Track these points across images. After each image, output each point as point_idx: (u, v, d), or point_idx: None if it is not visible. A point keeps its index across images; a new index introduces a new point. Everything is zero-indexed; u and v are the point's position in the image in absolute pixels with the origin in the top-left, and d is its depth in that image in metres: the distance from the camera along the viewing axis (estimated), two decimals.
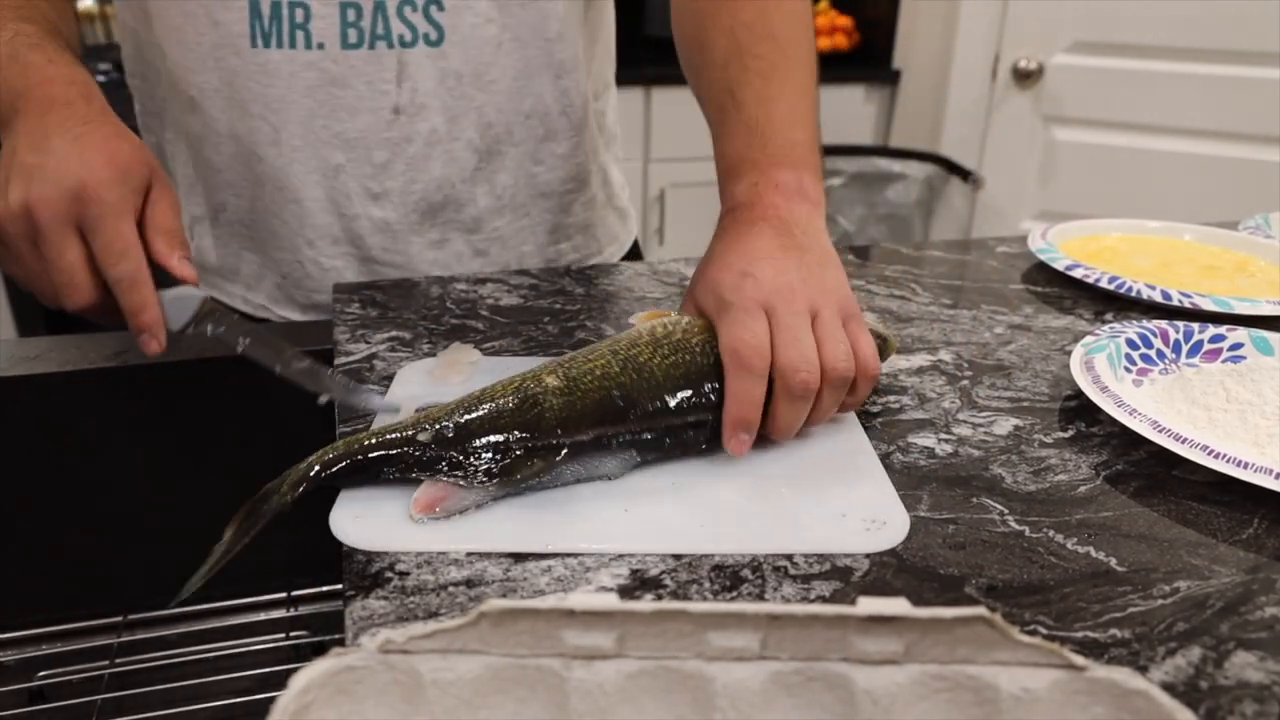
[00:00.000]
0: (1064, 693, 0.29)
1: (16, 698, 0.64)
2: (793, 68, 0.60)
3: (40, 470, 0.65)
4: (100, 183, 0.49)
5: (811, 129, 0.58)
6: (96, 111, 0.53)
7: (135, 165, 0.51)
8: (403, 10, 0.67)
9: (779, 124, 0.57)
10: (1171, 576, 0.40)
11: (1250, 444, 0.49)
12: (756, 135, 0.56)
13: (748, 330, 0.46)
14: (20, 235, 0.50)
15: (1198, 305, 0.67)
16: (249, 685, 0.64)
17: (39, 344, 0.65)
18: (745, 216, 0.53)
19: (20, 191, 0.49)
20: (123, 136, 0.52)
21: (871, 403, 0.54)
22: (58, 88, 0.53)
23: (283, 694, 0.27)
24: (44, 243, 0.49)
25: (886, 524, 0.43)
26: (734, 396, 0.45)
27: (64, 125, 0.51)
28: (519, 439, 0.44)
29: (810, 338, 0.46)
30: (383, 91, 0.70)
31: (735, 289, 0.48)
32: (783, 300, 0.47)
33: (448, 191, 0.75)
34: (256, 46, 0.67)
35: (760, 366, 0.45)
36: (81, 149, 0.50)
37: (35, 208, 0.49)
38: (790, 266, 0.49)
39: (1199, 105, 1.88)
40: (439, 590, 0.38)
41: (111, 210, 0.49)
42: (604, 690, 0.29)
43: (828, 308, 0.48)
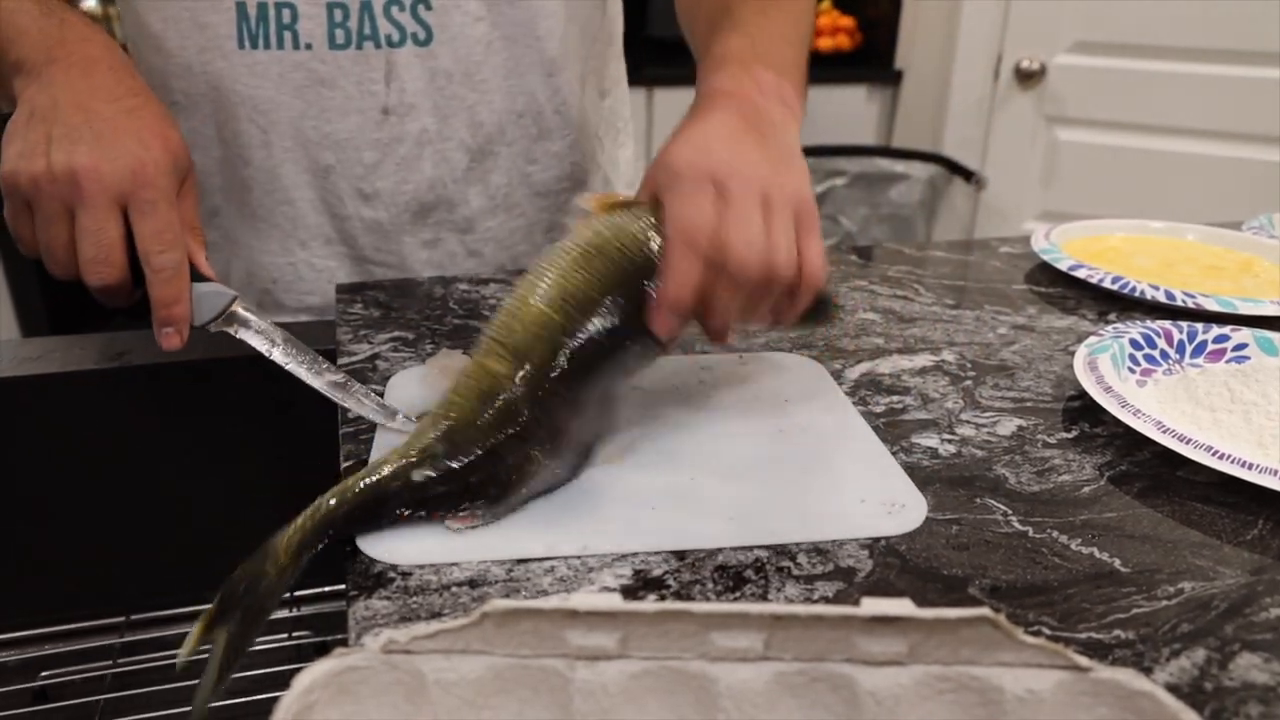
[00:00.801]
0: (1068, 694, 0.28)
1: (19, 697, 0.64)
2: (792, 8, 0.60)
3: (42, 470, 0.65)
4: (158, 166, 0.48)
5: (802, 52, 0.58)
6: (142, 87, 0.51)
7: (183, 154, 0.50)
8: (390, 10, 0.67)
9: (771, 36, 0.56)
10: (1176, 578, 0.40)
11: (1254, 445, 0.49)
12: (747, 39, 0.55)
13: (695, 207, 0.43)
14: (56, 198, 0.47)
15: (1201, 306, 0.67)
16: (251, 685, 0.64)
17: (42, 344, 0.65)
18: (719, 102, 0.50)
19: (65, 154, 0.46)
20: (170, 121, 0.51)
21: (875, 403, 0.54)
22: (98, 49, 0.51)
23: (286, 694, 0.27)
24: (85, 214, 0.47)
25: (906, 506, 0.44)
26: (672, 275, 0.43)
27: (113, 93, 0.49)
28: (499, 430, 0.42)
29: (759, 222, 0.43)
30: (371, 92, 0.69)
31: (689, 163, 0.45)
32: (736, 179, 0.44)
33: (440, 191, 0.75)
34: (244, 48, 0.67)
35: (706, 246, 0.43)
36: (138, 126, 0.48)
37: (83, 177, 0.46)
38: (750, 147, 0.46)
39: (1202, 105, 1.88)
40: (442, 590, 0.38)
41: (165, 196, 0.48)
42: (607, 691, 0.29)
43: (781, 199, 0.45)
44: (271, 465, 0.67)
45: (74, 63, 0.50)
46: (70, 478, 0.66)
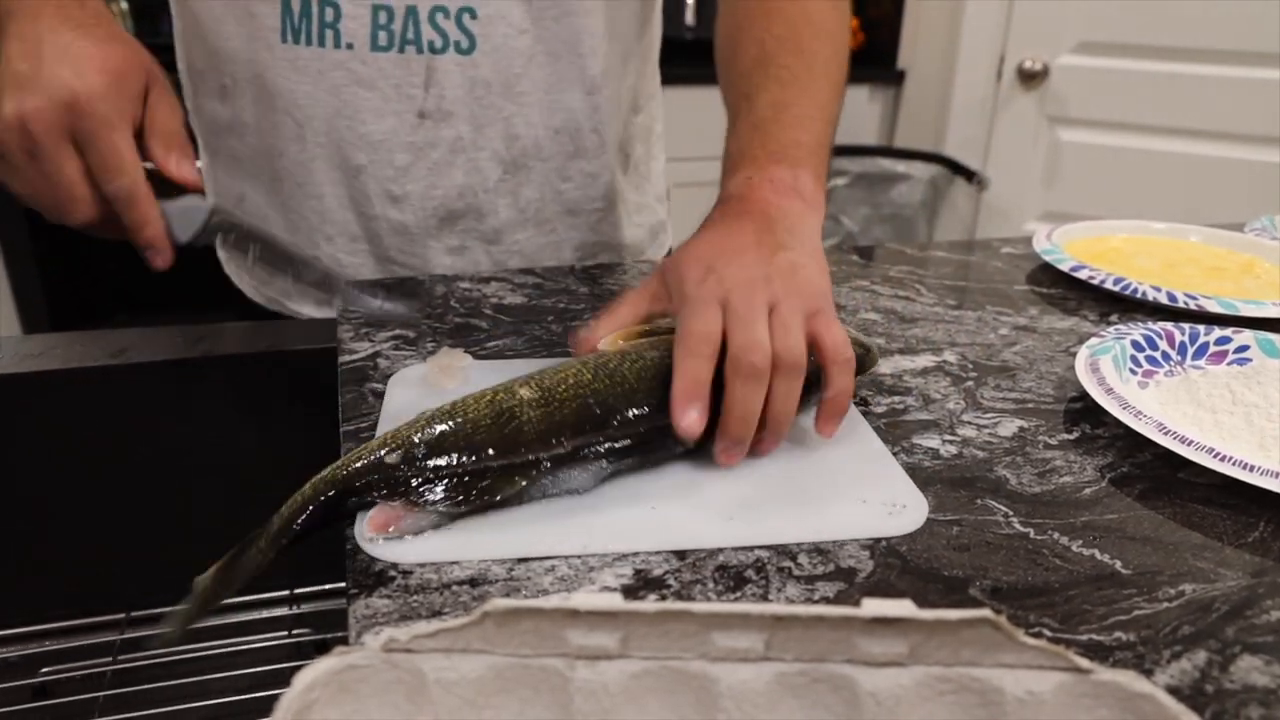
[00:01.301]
0: (1069, 695, 0.28)
1: (19, 694, 0.64)
2: (814, 80, 0.60)
3: (43, 467, 0.65)
4: (93, 93, 0.47)
5: (820, 136, 0.58)
6: (90, 14, 0.51)
7: (130, 70, 0.49)
8: (435, 16, 0.67)
9: (785, 125, 0.57)
10: (1177, 579, 0.40)
11: (1256, 446, 0.49)
12: (759, 133, 0.56)
13: (699, 319, 0.45)
14: (17, 148, 0.48)
15: (1203, 307, 0.67)
16: (251, 683, 0.64)
17: (43, 341, 0.65)
18: (733, 209, 0.52)
19: (14, 103, 0.47)
20: (116, 39, 0.50)
21: (876, 403, 0.54)
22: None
23: (286, 692, 0.27)
24: (41, 157, 0.48)
25: (907, 507, 0.44)
26: (679, 374, 0.45)
27: (55, 30, 0.49)
28: (495, 456, 0.42)
29: (763, 325, 0.45)
30: (409, 96, 0.69)
31: (697, 284, 0.47)
32: (740, 294, 0.46)
33: (469, 200, 0.75)
34: (286, 42, 0.67)
35: (705, 350, 0.45)
36: (74, 56, 0.48)
37: (29, 119, 0.47)
38: (756, 262, 0.48)
39: (1205, 106, 1.88)
40: (442, 589, 0.38)
41: (104, 122, 0.47)
42: (608, 690, 0.29)
43: (788, 302, 0.47)
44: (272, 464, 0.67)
45: (26, 13, 0.50)
46: (71, 474, 0.66)
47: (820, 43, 0.62)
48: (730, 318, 0.45)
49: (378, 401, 0.52)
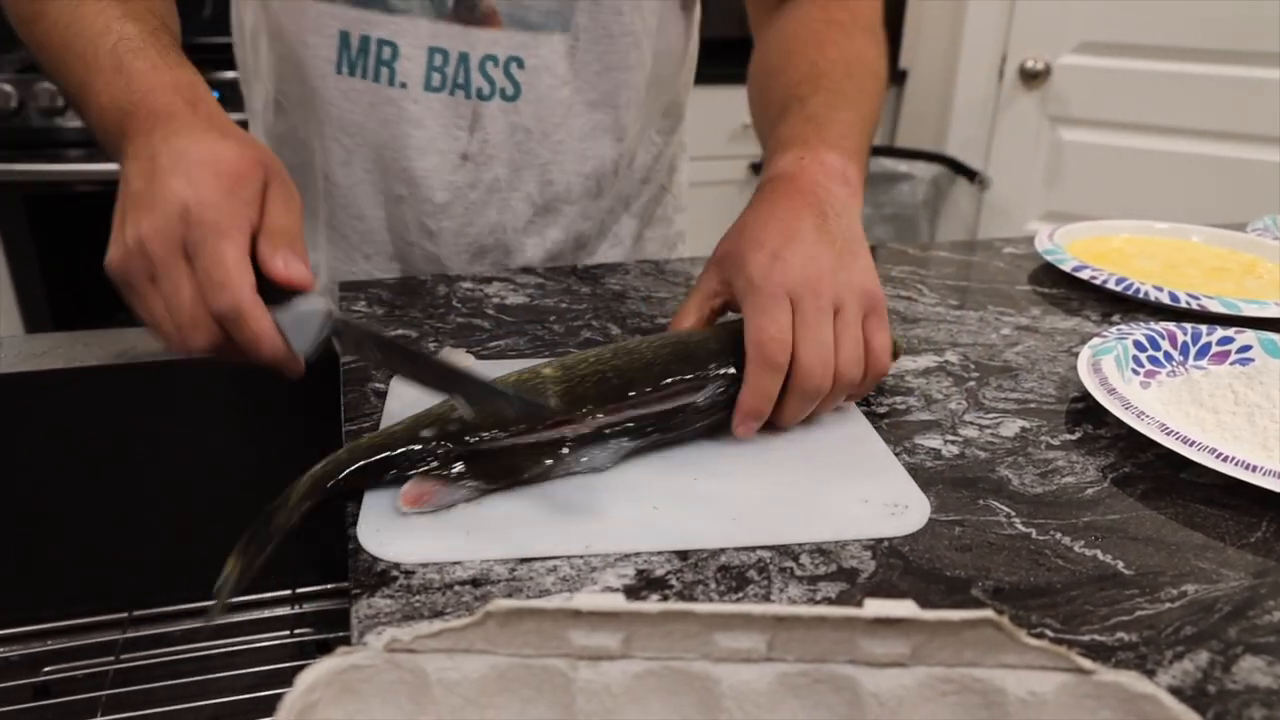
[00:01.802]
0: (1071, 696, 0.28)
1: (21, 693, 0.64)
2: (861, 104, 0.62)
3: (46, 466, 0.65)
4: (204, 200, 0.43)
5: (865, 144, 0.60)
6: (202, 117, 0.48)
7: (246, 171, 0.46)
8: (485, 64, 0.69)
9: (837, 124, 0.58)
10: (1179, 580, 0.40)
11: (1258, 447, 0.49)
12: (814, 124, 0.58)
13: (774, 323, 0.46)
14: (141, 273, 0.45)
15: (1205, 307, 0.67)
16: (253, 682, 0.64)
17: (46, 341, 0.65)
18: (785, 188, 0.53)
19: (133, 226, 0.44)
20: (231, 138, 0.47)
21: (878, 404, 0.54)
22: (161, 98, 0.48)
23: (289, 692, 0.27)
24: (160, 279, 0.44)
25: (909, 508, 0.44)
26: (751, 389, 0.46)
27: (169, 141, 0.46)
28: (523, 431, 0.44)
29: (830, 338, 0.47)
30: (455, 137, 0.72)
31: (765, 273, 0.48)
32: (809, 292, 0.47)
33: (499, 237, 0.77)
34: (341, 74, 0.69)
35: (783, 363, 0.46)
36: (186, 164, 0.45)
37: (146, 240, 0.44)
38: (821, 253, 0.49)
39: (1207, 106, 1.87)
40: (444, 589, 0.38)
41: (214, 229, 0.43)
42: (610, 691, 0.29)
43: (851, 302, 0.48)
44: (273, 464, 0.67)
45: (139, 129, 0.48)
46: (73, 473, 0.66)
47: (867, 79, 0.66)
48: (800, 324, 0.47)
49: (380, 401, 0.52)
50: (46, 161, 1.68)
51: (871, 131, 0.63)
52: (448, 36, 0.68)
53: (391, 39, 0.68)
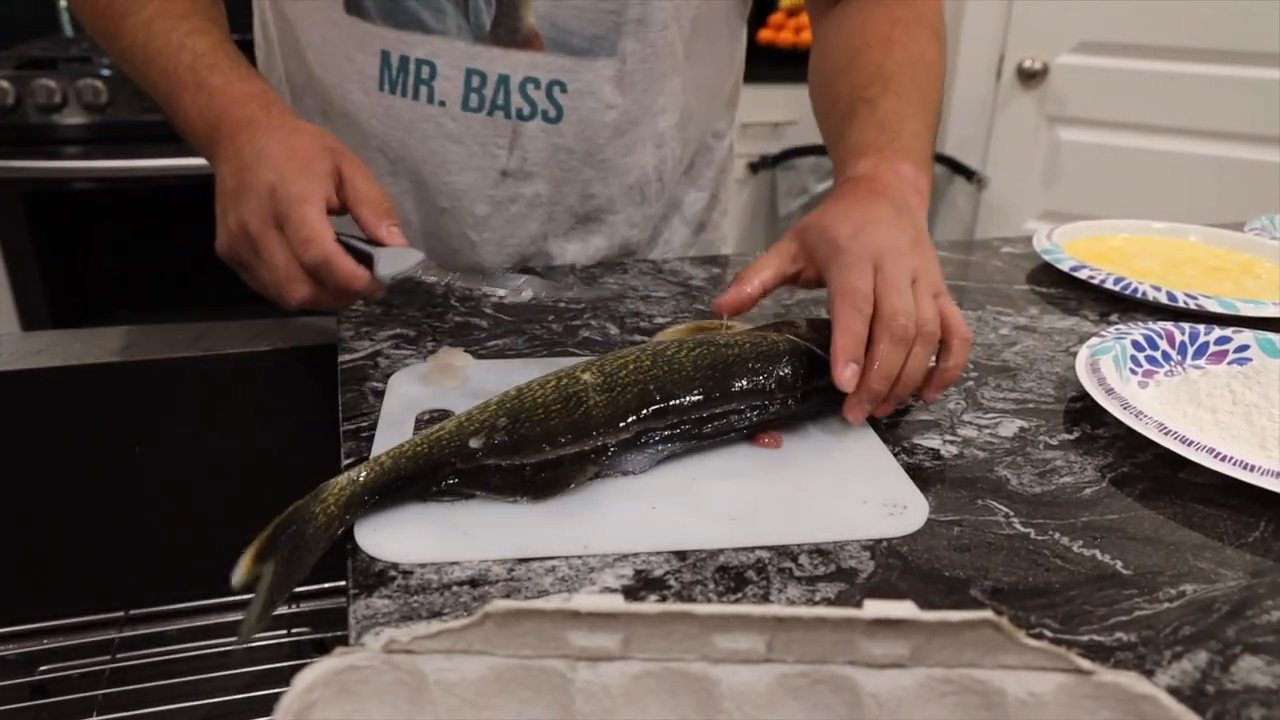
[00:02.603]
0: (1070, 697, 0.28)
1: (17, 692, 0.64)
2: (925, 107, 0.64)
3: (42, 464, 0.65)
4: (284, 178, 0.53)
5: (932, 142, 0.63)
6: (276, 118, 0.57)
7: (315, 154, 0.55)
8: (525, 87, 0.70)
9: (907, 133, 0.61)
10: (1177, 580, 0.40)
11: (1256, 446, 0.49)
12: (886, 132, 0.60)
13: (860, 276, 0.49)
14: (247, 252, 0.55)
15: (1203, 307, 0.67)
16: (249, 681, 0.64)
17: (43, 338, 0.65)
18: (865, 187, 0.56)
19: (234, 215, 0.54)
20: (299, 132, 0.56)
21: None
22: (239, 109, 0.57)
23: (287, 692, 0.27)
24: (260, 249, 0.54)
25: (908, 508, 0.44)
26: (841, 330, 0.48)
27: (252, 142, 0.55)
28: (570, 442, 0.44)
29: (910, 293, 0.49)
30: (494, 155, 0.72)
31: (851, 238, 0.51)
32: (891, 257, 0.50)
33: (541, 245, 0.78)
34: (383, 91, 0.71)
35: (866, 308, 0.48)
36: (266, 157, 0.54)
37: (246, 222, 0.53)
38: (900, 234, 0.52)
39: (1204, 106, 1.88)
40: (442, 590, 0.38)
41: (297, 199, 0.52)
42: (608, 692, 0.29)
43: (925, 277, 0.51)
44: (272, 463, 0.67)
45: (225, 138, 0.57)
46: (69, 472, 0.66)
47: (930, 82, 0.67)
48: (881, 280, 0.49)
49: (378, 400, 0.52)
50: (44, 159, 1.67)
51: (934, 137, 0.65)
52: (486, 59, 0.69)
53: (430, 59, 0.69)
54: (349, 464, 0.47)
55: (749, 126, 2.12)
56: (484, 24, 0.68)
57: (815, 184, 2.23)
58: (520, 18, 0.67)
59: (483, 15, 0.67)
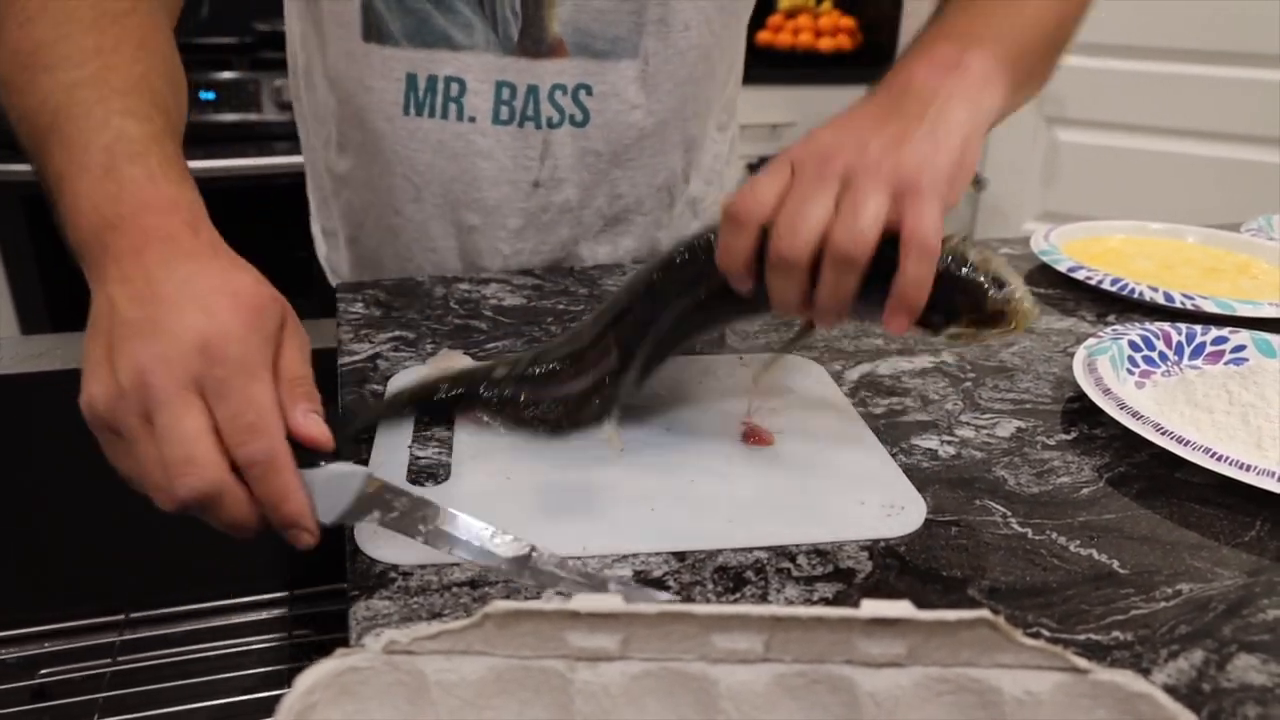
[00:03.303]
0: (1067, 695, 0.29)
1: (18, 695, 0.64)
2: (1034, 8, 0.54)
3: (43, 468, 0.65)
4: (227, 334, 0.38)
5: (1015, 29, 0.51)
6: (205, 245, 0.42)
7: (265, 305, 0.40)
8: (554, 94, 0.70)
9: (974, 16, 0.51)
10: (1174, 579, 0.40)
11: (1253, 446, 0.49)
12: (938, 23, 0.51)
13: (751, 187, 0.42)
14: (133, 413, 0.37)
15: (1200, 307, 0.67)
16: (250, 683, 0.64)
17: (43, 342, 0.65)
18: (873, 96, 0.46)
19: (129, 358, 0.37)
20: (240, 269, 0.41)
21: (874, 404, 0.54)
22: (155, 217, 0.41)
23: (287, 694, 0.27)
24: (159, 413, 0.37)
25: (905, 509, 0.44)
26: (719, 247, 0.43)
27: (168, 266, 0.40)
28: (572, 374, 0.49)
29: (816, 204, 0.40)
30: (525, 166, 0.72)
31: (783, 151, 0.43)
32: (813, 162, 0.41)
33: (571, 249, 0.78)
34: (409, 115, 0.70)
35: (745, 220, 0.41)
36: (197, 292, 0.39)
37: (149, 372, 0.37)
38: (861, 131, 0.42)
39: (1202, 107, 1.88)
40: (442, 591, 0.38)
41: (241, 368, 0.37)
42: (608, 692, 0.29)
43: (870, 178, 0.40)
44: None
45: (125, 249, 0.41)
46: (70, 475, 0.66)
47: None
48: (789, 189, 0.41)
49: (378, 402, 0.52)
50: None
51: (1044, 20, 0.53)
52: (514, 71, 0.68)
53: (459, 75, 0.68)
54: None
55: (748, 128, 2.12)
56: (512, 35, 0.67)
57: None
58: (545, 27, 0.67)
59: (510, 26, 0.67)
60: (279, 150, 1.66)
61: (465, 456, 0.47)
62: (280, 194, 1.31)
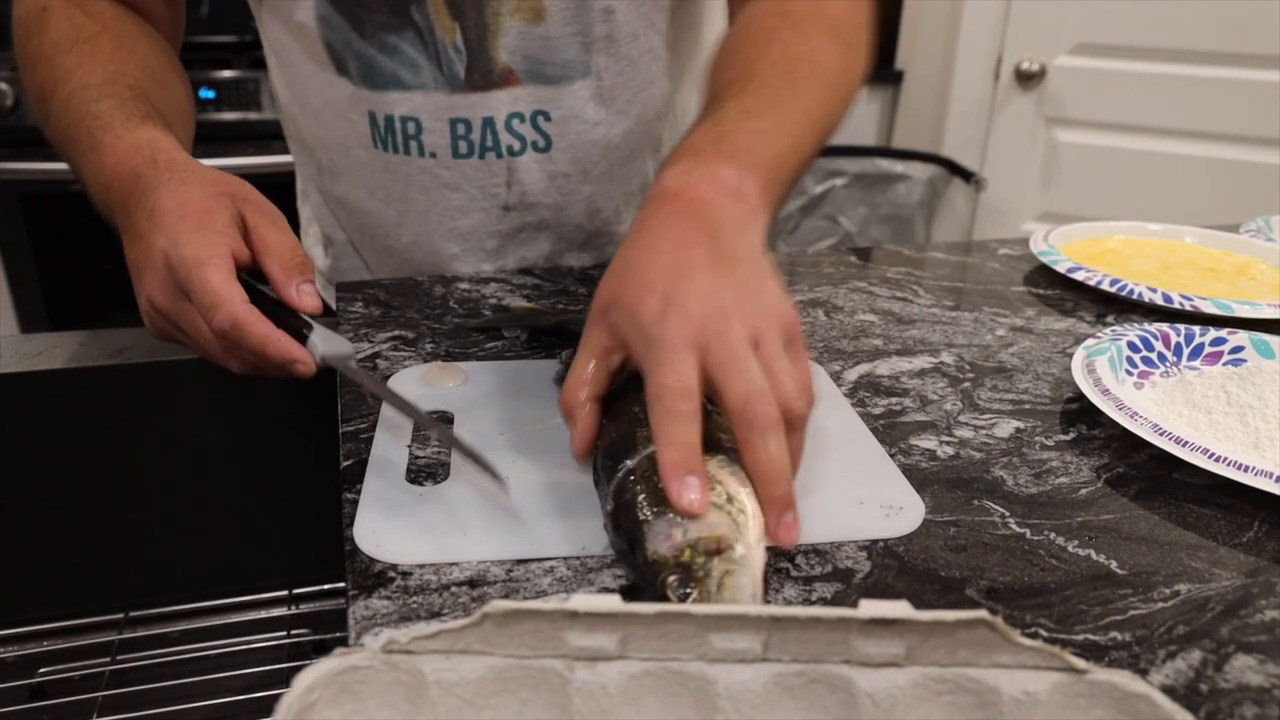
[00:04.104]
0: (1065, 696, 0.29)
1: (17, 694, 0.64)
2: (796, 105, 0.54)
3: (42, 467, 0.65)
4: (176, 242, 0.46)
5: (780, 153, 0.51)
6: (164, 170, 0.49)
7: (210, 205, 0.47)
8: (511, 123, 0.70)
9: (746, 133, 0.50)
10: (1172, 579, 0.40)
11: (1251, 447, 0.50)
12: (715, 130, 0.50)
13: (672, 373, 0.38)
14: (169, 327, 0.49)
15: (1199, 308, 0.67)
16: (249, 683, 0.64)
17: (42, 340, 0.65)
18: (668, 209, 0.45)
19: (143, 292, 0.48)
20: (190, 181, 0.49)
21: (873, 405, 0.54)
22: (125, 167, 0.50)
23: (287, 693, 0.27)
24: (180, 324, 0.48)
25: (904, 509, 0.44)
26: (662, 441, 0.37)
27: (143, 204, 0.48)
28: None
29: (757, 370, 0.39)
30: (493, 194, 0.73)
31: (657, 323, 0.39)
32: (716, 334, 0.39)
33: (556, 260, 0.78)
34: (377, 148, 0.71)
35: (686, 408, 0.38)
36: (157, 221, 0.47)
37: (153, 299, 0.48)
38: (723, 285, 0.41)
39: (1201, 108, 1.88)
40: (441, 590, 0.38)
41: (191, 264, 0.45)
42: (606, 691, 0.29)
43: (770, 332, 0.40)
44: (272, 464, 0.67)
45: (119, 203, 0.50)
46: (69, 474, 0.66)
47: (814, 80, 0.56)
48: (716, 366, 0.38)
49: (377, 402, 0.52)
50: (42, 160, 1.67)
51: (803, 143, 0.53)
52: (466, 106, 0.68)
53: (413, 114, 0.69)
54: (348, 465, 0.47)
55: None
56: (458, 73, 0.67)
57: (813, 184, 2.23)
58: (492, 58, 0.67)
59: (455, 65, 0.67)
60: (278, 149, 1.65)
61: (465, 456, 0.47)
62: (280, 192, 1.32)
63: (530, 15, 0.66)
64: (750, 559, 0.36)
